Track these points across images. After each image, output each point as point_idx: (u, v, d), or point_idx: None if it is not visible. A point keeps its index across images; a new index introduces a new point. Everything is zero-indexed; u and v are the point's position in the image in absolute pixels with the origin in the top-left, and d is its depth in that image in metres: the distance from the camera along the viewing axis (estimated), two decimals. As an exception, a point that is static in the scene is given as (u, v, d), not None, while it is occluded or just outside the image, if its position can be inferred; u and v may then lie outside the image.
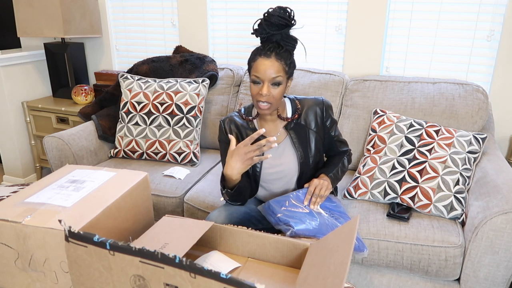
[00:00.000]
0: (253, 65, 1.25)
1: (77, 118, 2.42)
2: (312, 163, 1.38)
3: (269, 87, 1.23)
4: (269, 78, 1.22)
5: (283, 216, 1.23)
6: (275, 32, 1.22)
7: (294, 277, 0.96)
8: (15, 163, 2.72)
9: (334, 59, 2.29)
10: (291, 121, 1.37)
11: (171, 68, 2.26)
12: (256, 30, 1.25)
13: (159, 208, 1.78)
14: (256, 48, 1.27)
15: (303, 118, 1.37)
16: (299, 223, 1.19)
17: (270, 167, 1.38)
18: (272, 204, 1.28)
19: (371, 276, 1.52)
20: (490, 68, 2.01)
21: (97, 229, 0.95)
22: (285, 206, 1.26)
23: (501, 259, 1.33)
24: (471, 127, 1.78)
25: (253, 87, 1.26)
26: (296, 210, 1.25)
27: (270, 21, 1.21)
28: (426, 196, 1.53)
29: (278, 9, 1.22)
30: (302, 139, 1.36)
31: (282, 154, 1.38)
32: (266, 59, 1.22)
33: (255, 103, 1.29)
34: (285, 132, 1.38)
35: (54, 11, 2.30)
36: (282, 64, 1.23)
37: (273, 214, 1.26)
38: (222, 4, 2.42)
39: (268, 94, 1.23)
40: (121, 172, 1.19)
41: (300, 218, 1.22)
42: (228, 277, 0.59)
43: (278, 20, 1.20)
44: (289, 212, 1.24)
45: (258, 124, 1.40)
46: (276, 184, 1.41)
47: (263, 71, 1.22)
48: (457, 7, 1.99)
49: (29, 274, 0.94)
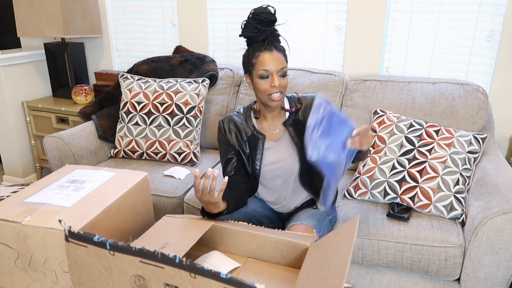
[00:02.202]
0: (257, 61, 1.27)
1: (77, 118, 2.41)
2: None
3: (279, 78, 1.27)
4: (277, 69, 1.26)
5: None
6: (265, 28, 1.27)
7: (294, 277, 0.96)
8: (15, 163, 2.72)
9: (334, 59, 2.29)
10: (289, 118, 1.38)
11: (171, 68, 2.26)
12: (246, 30, 1.29)
13: (159, 208, 1.78)
14: (252, 46, 1.29)
15: (301, 114, 1.38)
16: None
17: (269, 164, 1.38)
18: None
19: (371, 276, 1.53)
20: (490, 68, 2.01)
21: (97, 229, 0.95)
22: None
23: (501, 259, 1.33)
24: (471, 127, 1.78)
25: (261, 82, 1.28)
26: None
27: (258, 19, 1.26)
28: (426, 196, 1.53)
29: (261, 8, 1.27)
30: (301, 134, 1.37)
31: (281, 151, 1.38)
32: (269, 52, 1.26)
33: (267, 98, 1.29)
34: (284, 129, 1.38)
35: (54, 11, 2.30)
36: (283, 56, 1.29)
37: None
38: (222, 4, 2.42)
39: (280, 84, 1.27)
40: (121, 172, 1.19)
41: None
42: (228, 277, 0.59)
43: (265, 17, 1.25)
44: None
45: (257, 122, 1.40)
46: (276, 181, 1.41)
47: (270, 64, 1.26)
48: (457, 7, 1.99)
49: (29, 274, 0.94)
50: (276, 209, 1.49)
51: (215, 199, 1.12)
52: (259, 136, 1.37)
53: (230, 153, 1.39)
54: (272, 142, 1.38)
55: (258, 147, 1.37)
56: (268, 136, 1.39)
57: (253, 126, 1.39)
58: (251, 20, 1.27)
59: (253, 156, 1.38)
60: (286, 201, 1.45)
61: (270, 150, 1.38)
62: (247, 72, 1.33)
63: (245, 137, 1.38)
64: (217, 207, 1.18)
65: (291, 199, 1.45)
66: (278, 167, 1.38)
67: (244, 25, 1.29)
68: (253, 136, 1.38)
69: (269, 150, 1.38)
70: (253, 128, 1.39)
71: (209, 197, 1.11)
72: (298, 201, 1.45)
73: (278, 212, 1.50)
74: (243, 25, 1.29)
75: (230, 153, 1.39)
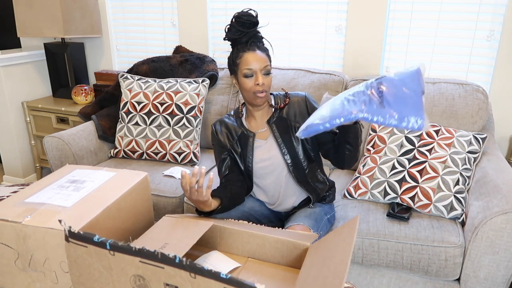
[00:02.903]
0: (241, 61, 1.32)
1: (77, 118, 2.41)
2: (301, 154, 1.39)
3: (262, 76, 1.31)
4: (261, 67, 1.30)
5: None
6: (247, 30, 1.31)
7: (294, 277, 0.96)
8: (15, 163, 2.72)
9: (334, 59, 2.29)
10: (272, 116, 1.41)
11: (171, 68, 2.26)
12: (230, 32, 1.33)
13: (159, 208, 1.78)
14: (236, 48, 1.34)
15: (285, 112, 1.41)
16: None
17: (260, 161, 1.41)
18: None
19: (371, 276, 1.53)
20: (490, 68, 2.01)
21: (97, 229, 0.95)
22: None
23: (501, 259, 1.33)
24: (471, 127, 1.78)
25: (246, 81, 1.32)
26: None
27: (241, 22, 1.30)
28: (426, 196, 1.53)
29: (244, 12, 1.32)
30: (283, 131, 1.39)
31: (269, 149, 1.40)
32: (252, 52, 1.31)
33: (252, 97, 1.33)
34: (268, 126, 1.41)
35: (54, 11, 2.30)
36: (266, 55, 1.33)
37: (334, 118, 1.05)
38: (222, 4, 2.42)
39: (263, 82, 1.31)
40: (121, 172, 1.19)
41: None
42: (228, 277, 0.59)
43: (247, 19, 1.30)
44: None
45: (246, 121, 1.44)
46: (268, 178, 1.43)
47: (254, 63, 1.30)
48: (457, 7, 1.99)
49: (29, 274, 0.94)
50: (273, 208, 1.50)
51: (203, 197, 1.13)
52: (249, 134, 1.41)
53: (223, 153, 1.43)
54: (261, 140, 1.41)
55: (248, 145, 1.40)
56: (258, 134, 1.42)
57: (243, 125, 1.43)
58: (234, 23, 1.32)
59: (245, 154, 1.41)
60: (280, 200, 1.45)
61: (259, 147, 1.41)
62: (232, 73, 1.38)
63: (236, 136, 1.42)
64: (208, 205, 1.20)
65: (286, 197, 1.45)
66: (268, 164, 1.40)
67: (228, 29, 1.34)
68: (243, 135, 1.41)
69: (258, 148, 1.41)
70: (243, 127, 1.42)
71: (198, 195, 1.13)
72: (294, 200, 1.46)
73: (276, 212, 1.51)
74: (226, 28, 1.34)
75: (223, 153, 1.43)
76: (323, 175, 1.47)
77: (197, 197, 1.13)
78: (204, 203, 1.18)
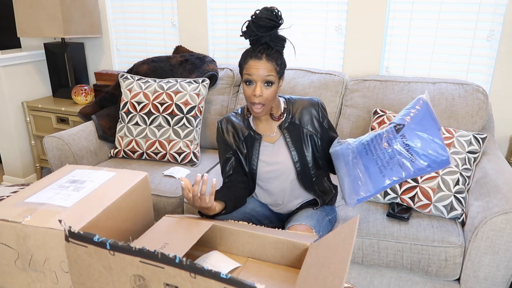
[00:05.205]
0: (245, 67, 1.26)
1: (77, 118, 2.42)
2: (311, 161, 1.38)
3: (262, 87, 1.24)
4: (262, 78, 1.23)
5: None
6: (264, 33, 1.22)
7: (294, 277, 0.96)
8: (15, 163, 2.72)
9: (334, 59, 2.29)
10: (284, 121, 1.37)
11: (171, 68, 2.26)
12: (245, 33, 1.26)
13: (159, 208, 1.78)
14: (246, 50, 1.28)
15: (298, 118, 1.37)
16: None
17: (266, 165, 1.38)
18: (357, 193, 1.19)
19: (371, 276, 1.53)
20: (490, 68, 2.01)
21: (97, 229, 0.95)
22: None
23: (501, 259, 1.33)
24: (471, 127, 1.78)
25: (246, 88, 1.27)
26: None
27: (258, 23, 1.21)
28: (426, 196, 1.53)
29: (265, 10, 1.22)
30: (296, 138, 1.36)
31: (277, 153, 1.38)
32: (257, 61, 1.23)
33: (249, 106, 1.29)
34: (280, 132, 1.38)
35: (54, 11, 2.30)
36: (273, 64, 1.24)
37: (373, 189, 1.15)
38: (222, 4, 2.42)
39: (261, 94, 1.24)
40: (121, 172, 1.19)
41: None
42: (228, 277, 0.59)
43: (266, 22, 1.21)
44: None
45: (253, 123, 1.40)
46: (273, 183, 1.41)
47: (255, 72, 1.23)
48: (457, 7, 1.99)
49: (29, 274, 0.94)
50: (275, 210, 1.50)
51: (207, 203, 1.11)
52: (255, 136, 1.38)
53: (228, 152, 1.40)
54: (268, 144, 1.38)
55: (254, 147, 1.38)
56: (265, 138, 1.39)
57: (250, 126, 1.39)
58: (251, 23, 1.23)
59: (250, 155, 1.39)
60: (285, 204, 1.45)
61: (266, 151, 1.38)
62: (241, 75, 1.32)
63: (242, 137, 1.39)
64: (212, 210, 1.17)
65: (290, 202, 1.45)
66: (273, 169, 1.38)
67: (246, 27, 1.25)
68: (250, 136, 1.38)
69: (265, 151, 1.38)
70: (250, 128, 1.39)
71: (201, 203, 1.10)
72: (297, 203, 1.45)
73: (277, 213, 1.51)
74: (244, 26, 1.26)
75: (228, 152, 1.40)
76: (329, 182, 1.46)
77: (200, 204, 1.11)
78: (208, 209, 1.15)
